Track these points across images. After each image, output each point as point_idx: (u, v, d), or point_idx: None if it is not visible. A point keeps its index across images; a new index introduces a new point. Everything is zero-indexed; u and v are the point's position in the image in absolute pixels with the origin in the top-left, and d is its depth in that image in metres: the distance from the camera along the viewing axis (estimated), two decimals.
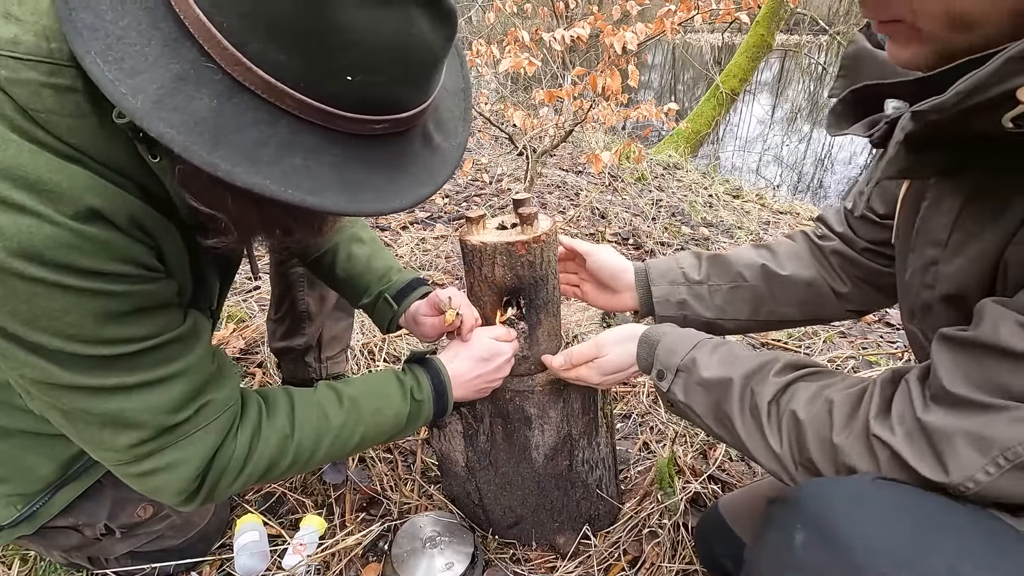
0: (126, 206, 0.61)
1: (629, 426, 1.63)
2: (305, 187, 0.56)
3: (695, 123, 5.80)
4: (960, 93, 0.48)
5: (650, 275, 1.08)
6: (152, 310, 0.68)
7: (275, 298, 1.43)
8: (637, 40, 2.30)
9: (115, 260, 0.61)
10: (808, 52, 10.64)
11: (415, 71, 0.58)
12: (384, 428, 0.91)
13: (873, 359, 2.00)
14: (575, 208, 3.32)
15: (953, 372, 0.55)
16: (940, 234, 0.65)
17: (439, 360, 0.98)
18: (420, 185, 0.64)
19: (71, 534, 1.00)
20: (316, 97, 0.54)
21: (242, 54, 0.51)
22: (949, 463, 0.54)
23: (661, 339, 0.88)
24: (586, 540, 1.24)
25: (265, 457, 0.79)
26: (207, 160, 0.52)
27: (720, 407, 0.77)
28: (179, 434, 0.72)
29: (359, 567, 1.20)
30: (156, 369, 0.69)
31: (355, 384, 0.92)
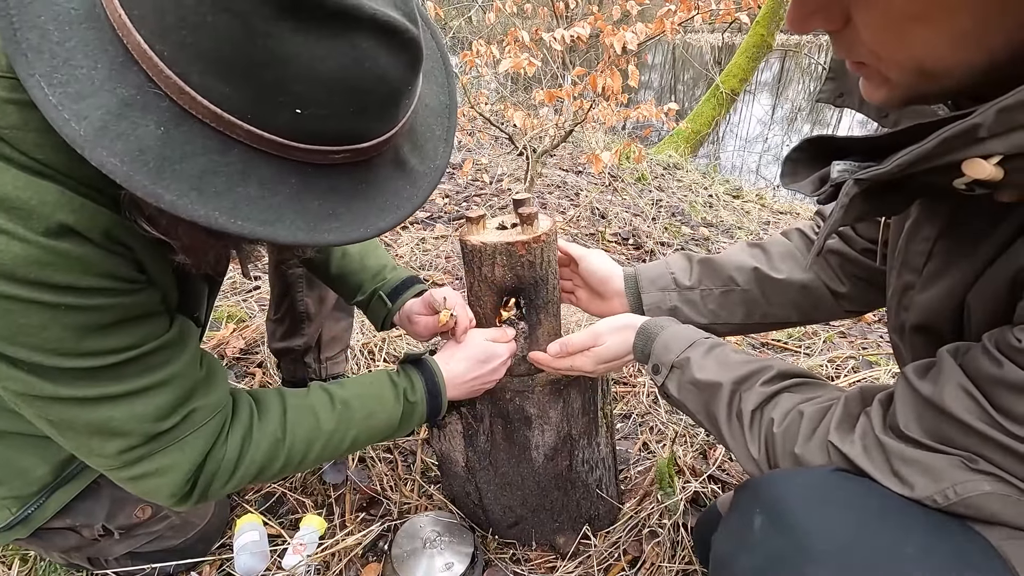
0: (101, 220, 0.60)
1: (629, 426, 1.63)
2: (258, 218, 0.54)
3: (695, 123, 5.80)
4: (901, 165, 0.48)
5: (640, 282, 1.06)
6: (134, 320, 0.67)
7: (274, 298, 1.43)
8: (637, 40, 2.30)
9: (91, 274, 0.60)
10: (808, 52, 10.63)
11: (371, 103, 0.55)
12: (377, 430, 0.91)
13: (873, 359, 2.00)
14: (575, 208, 3.32)
15: (908, 415, 0.58)
16: (917, 261, 0.66)
17: (434, 361, 0.98)
18: (385, 213, 0.62)
19: (69, 535, 1.00)
20: (267, 129, 0.52)
21: (186, 83, 0.49)
22: (908, 481, 0.56)
23: (659, 333, 0.89)
24: (586, 540, 1.24)
25: (256, 461, 0.79)
26: (149, 190, 0.50)
27: (709, 408, 0.79)
28: (167, 440, 0.72)
29: (359, 567, 1.20)
30: (141, 378, 0.69)
31: (348, 386, 0.91)
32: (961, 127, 0.44)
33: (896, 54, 0.48)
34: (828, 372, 1.92)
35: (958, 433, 0.54)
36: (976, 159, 0.44)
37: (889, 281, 0.74)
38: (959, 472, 0.54)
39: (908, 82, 0.50)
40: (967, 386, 0.53)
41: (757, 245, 1.07)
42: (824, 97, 0.72)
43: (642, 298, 1.06)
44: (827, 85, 0.71)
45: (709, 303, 1.04)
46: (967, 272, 0.58)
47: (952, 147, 0.45)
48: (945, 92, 0.51)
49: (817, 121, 9.64)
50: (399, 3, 0.54)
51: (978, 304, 0.57)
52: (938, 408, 0.55)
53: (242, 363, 1.81)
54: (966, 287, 0.58)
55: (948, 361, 0.56)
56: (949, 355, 0.57)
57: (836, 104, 0.71)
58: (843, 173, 0.56)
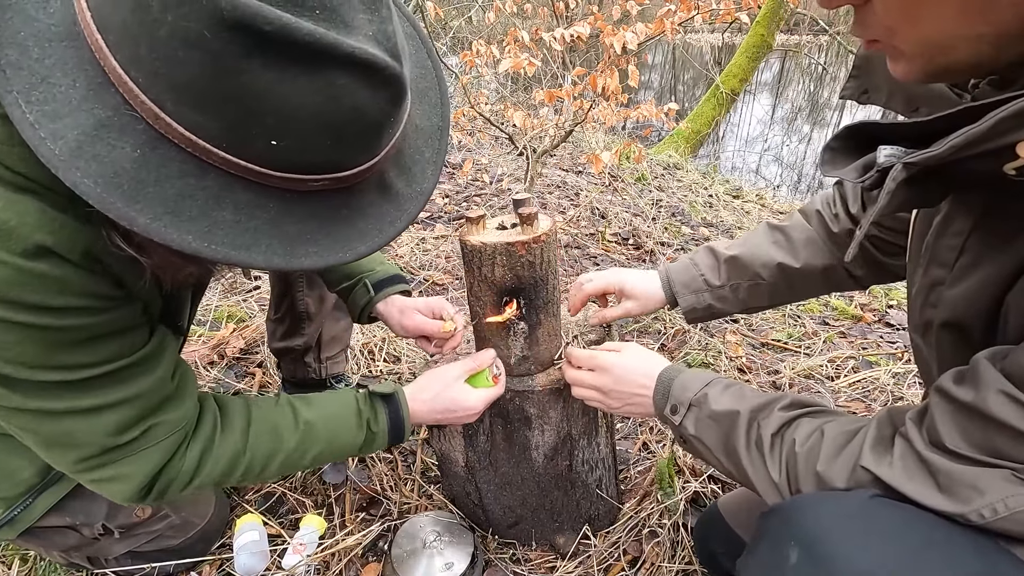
0: (81, 239, 0.59)
1: (629, 426, 1.63)
2: (232, 243, 0.53)
3: (695, 123, 5.81)
4: (954, 147, 0.47)
5: (674, 287, 1.13)
6: (109, 336, 0.67)
7: (274, 298, 1.43)
8: (637, 40, 2.30)
9: (68, 294, 0.60)
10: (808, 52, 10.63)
11: (351, 138, 0.55)
12: (336, 451, 0.93)
13: (873, 359, 2.00)
14: (575, 208, 3.32)
15: (951, 430, 0.55)
16: (947, 256, 0.64)
17: (402, 395, 0.98)
18: (367, 237, 0.61)
19: (69, 534, 1.00)
20: (243, 157, 0.52)
21: (160, 109, 0.49)
22: (955, 498, 0.54)
23: (677, 376, 0.90)
24: (586, 540, 1.24)
25: (215, 473, 0.81)
26: (123, 213, 0.50)
27: (728, 440, 0.78)
28: (124, 452, 0.73)
29: (359, 567, 1.20)
30: (109, 393, 0.69)
31: (315, 406, 0.92)
32: (1017, 107, 0.43)
33: (906, 27, 0.49)
34: (828, 372, 1.92)
35: (1007, 442, 0.51)
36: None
37: (913, 279, 0.73)
38: (1008, 485, 0.51)
39: (921, 54, 0.50)
40: (1012, 391, 0.50)
41: (779, 230, 1.11)
42: (848, 94, 0.71)
43: (679, 302, 1.12)
44: (851, 82, 0.70)
45: (740, 294, 1.10)
46: (1004, 266, 0.56)
47: (1008, 128, 0.44)
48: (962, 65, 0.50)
49: (817, 121, 9.64)
50: (381, 38, 0.53)
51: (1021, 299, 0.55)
52: (983, 416, 0.52)
53: (242, 363, 1.81)
54: (1003, 282, 0.56)
55: (986, 366, 0.53)
56: (987, 360, 0.54)
57: (860, 101, 0.70)
58: (890, 158, 0.54)
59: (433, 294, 2.34)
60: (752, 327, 2.22)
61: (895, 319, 2.30)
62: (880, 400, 1.78)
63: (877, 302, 2.43)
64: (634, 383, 0.94)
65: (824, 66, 10.80)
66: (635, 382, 0.94)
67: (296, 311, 1.42)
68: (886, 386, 1.83)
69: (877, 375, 1.88)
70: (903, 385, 1.84)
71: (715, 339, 2.06)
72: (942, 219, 0.65)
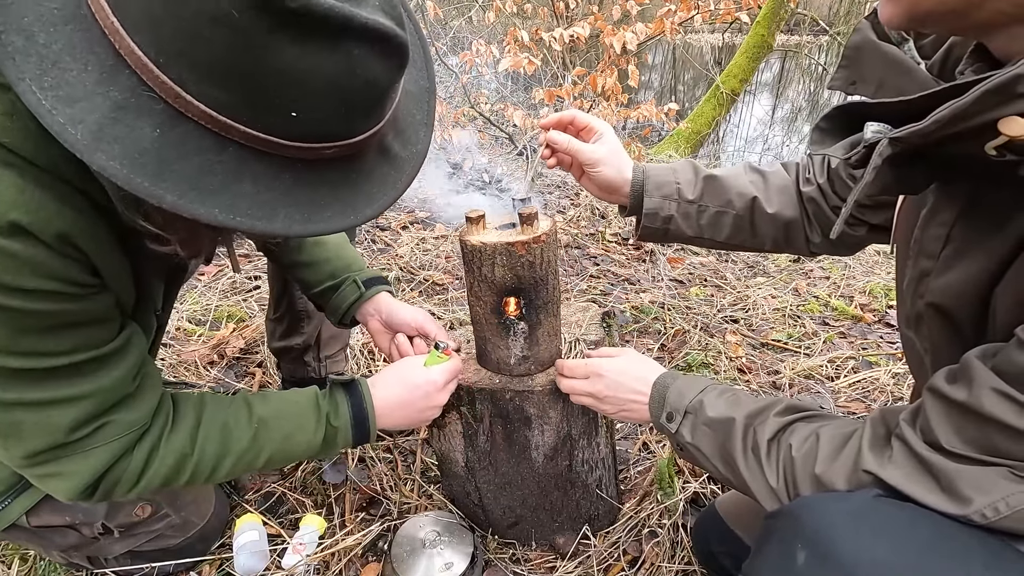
0: (56, 221, 0.59)
1: (629, 426, 1.63)
2: (255, 214, 0.55)
3: (695, 123, 5.80)
4: (939, 121, 0.48)
5: (646, 184, 1.05)
6: (75, 326, 0.66)
7: (273, 297, 1.43)
8: (637, 40, 2.30)
9: (39, 276, 0.59)
10: (808, 52, 10.63)
11: (363, 106, 0.58)
12: (294, 452, 0.89)
13: (873, 359, 2.00)
14: (575, 208, 3.32)
15: (946, 429, 0.55)
16: (933, 246, 0.64)
17: (365, 384, 0.95)
18: (372, 200, 0.64)
19: (68, 533, 1.00)
20: (262, 130, 0.53)
21: (182, 89, 0.50)
22: (956, 498, 0.54)
23: (672, 382, 0.89)
24: (586, 540, 1.24)
25: (160, 474, 0.78)
26: (152, 192, 0.51)
27: (724, 447, 0.78)
28: (72, 449, 0.71)
29: (359, 567, 1.20)
30: (64, 387, 0.67)
31: (271, 403, 0.89)
32: (1000, 80, 0.43)
33: None
34: (828, 372, 1.92)
35: (1003, 440, 0.51)
36: (1014, 117, 0.44)
37: (903, 272, 0.73)
38: (1007, 483, 0.51)
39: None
40: (1005, 389, 0.51)
41: (758, 171, 1.08)
42: (837, 84, 0.70)
43: (644, 201, 1.05)
44: (840, 72, 0.69)
45: (702, 219, 1.06)
46: (990, 256, 0.56)
47: (992, 103, 0.44)
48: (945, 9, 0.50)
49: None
50: (386, 7, 0.55)
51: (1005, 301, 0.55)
52: (978, 415, 0.52)
53: (242, 363, 1.81)
54: (988, 274, 0.56)
55: (977, 365, 0.54)
56: (978, 359, 0.54)
57: (848, 91, 0.70)
58: (877, 134, 0.55)
59: (433, 294, 2.34)
60: (752, 327, 2.22)
61: (895, 319, 2.30)
62: (880, 400, 1.78)
63: (877, 302, 2.43)
64: (629, 389, 0.94)
65: (824, 66, 10.79)
66: (630, 388, 0.94)
67: (295, 310, 1.42)
68: (886, 386, 1.83)
69: (877, 375, 1.88)
70: (903, 385, 1.84)
71: (715, 339, 2.06)
72: (928, 210, 0.66)
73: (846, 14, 9.35)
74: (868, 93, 0.68)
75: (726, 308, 2.34)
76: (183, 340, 1.87)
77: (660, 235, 1.08)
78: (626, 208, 1.08)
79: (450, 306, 2.20)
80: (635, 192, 1.06)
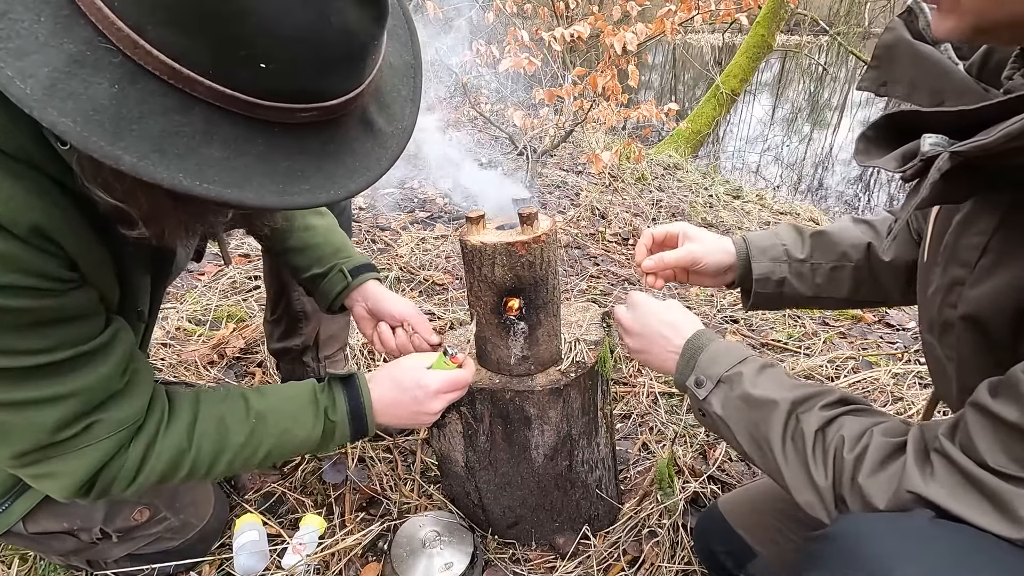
0: (28, 213, 0.56)
1: (629, 426, 1.63)
2: (224, 180, 0.51)
3: (695, 123, 5.81)
4: (1008, 136, 0.46)
5: (751, 251, 1.02)
6: (56, 323, 0.64)
7: (271, 299, 1.43)
8: (637, 40, 2.30)
9: (13, 272, 0.57)
10: (808, 53, 10.63)
11: (337, 59, 0.53)
12: (293, 447, 0.87)
13: (873, 359, 2.00)
14: (575, 208, 3.32)
15: (992, 447, 0.53)
16: (970, 255, 0.62)
17: (363, 380, 0.92)
18: (355, 175, 0.59)
19: (67, 539, 0.99)
20: (229, 85, 0.49)
21: (140, 36, 0.46)
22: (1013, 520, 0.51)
23: (707, 345, 0.84)
24: (586, 540, 1.24)
25: (157, 471, 0.76)
26: (108, 152, 0.47)
27: (759, 428, 0.73)
28: (61, 449, 0.69)
29: (359, 567, 1.20)
30: (48, 386, 0.65)
31: (269, 397, 0.87)
32: None
33: None
34: (828, 372, 1.92)
35: None
36: None
37: (928, 278, 0.71)
38: None
39: (979, 7, 0.49)
40: None
41: (865, 222, 1.03)
42: (866, 85, 0.68)
43: (752, 267, 1.01)
44: (870, 73, 0.67)
45: (818, 277, 1.01)
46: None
47: None
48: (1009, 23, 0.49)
49: (817, 122, 9.65)
50: None
51: None
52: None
53: (242, 363, 1.81)
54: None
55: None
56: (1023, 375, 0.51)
57: (879, 93, 0.68)
58: (935, 147, 0.52)
59: (433, 294, 2.34)
60: (752, 327, 2.22)
61: (895, 319, 2.30)
62: (880, 400, 1.78)
63: None
64: (656, 333, 0.91)
65: (824, 66, 10.80)
66: (657, 332, 0.90)
67: (293, 311, 1.42)
68: (886, 386, 1.83)
69: (877, 375, 1.88)
70: (903, 385, 1.84)
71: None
72: (963, 217, 0.64)
73: (846, 14, 9.35)
74: (899, 95, 0.66)
75: (726, 308, 2.34)
76: (183, 340, 1.87)
77: (775, 300, 1.02)
78: (735, 283, 1.04)
79: (450, 306, 2.20)
80: (741, 260, 1.02)
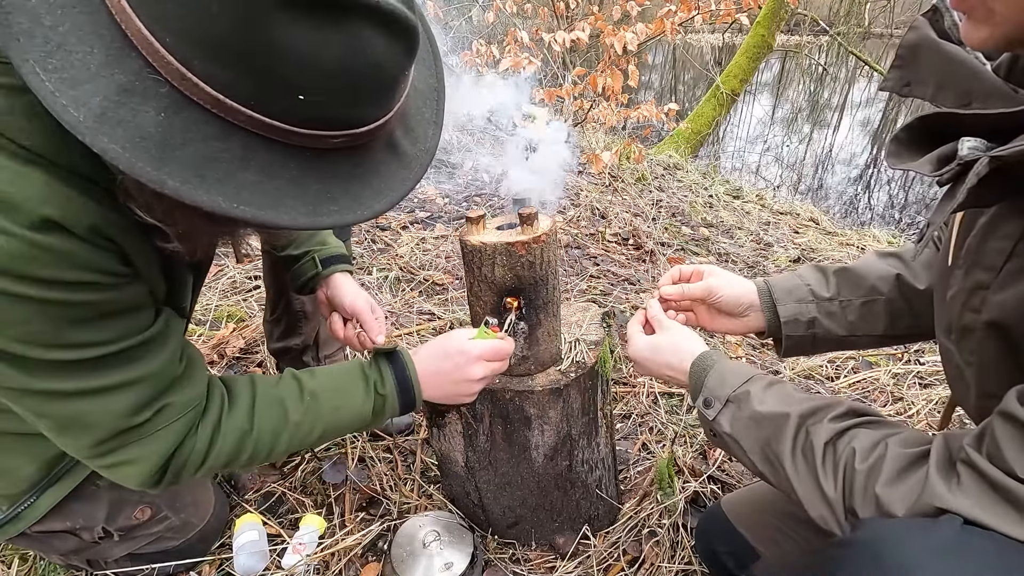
0: (86, 214, 0.60)
1: (629, 426, 1.63)
2: (259, 203, 0.55)
3: (695, 123, 5.80)
4: None
5: (775, 294, 1.00)
6: (117, 315, 0.68)
7: (270, 299, 1.43)
8: (637, 40, 2.30)
9: (76, 268, 0.60)
10: (808, 53, 10.64)
11: (371, 91, 0.57)
12: (345, 423, 0.91)
13: (873, 359, 2.00)
14: (575, 208, 3.32)
15: (1021, 457, 0.52)
16: (995, 259, 0.61)
17: (406, 353, 0.96)
18: (381, 196, 0.63)
19: (68, 538, 1.00)
20: (268, 114, 0.53)
21: (188, 69, 0.50)
22: None
23: (713, 366, 0.84)
24: (585, 540, 1.24)
25: (224, 452, 0.81)
26: (154, 177, 0.50)
27: (769, 444, 0.73)
28: (138, 434, 0.73)
29: (359, 567, 1.20)
30: (118, 373, 0.69)
31: (319, 377, 0.91)
32: None
33: None
34: (828, 372, 1.92)
35: None
36: None
37: (949, 281, 0.70)
38: None
39: (1012, 16, 0.48)
40: None
41: (892, 254, 1.01)
42: (889, 85, 0.67)
43: (778, 311, 0.98)
44: (893, 73, 0.66)
45: (850, 315, 0.97)
46: None
47: None
48: None
49: (817, 122, 9.65)
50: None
51: None
52: None
53: (242, 363, 1.80)
54: None
55: None
56: None
57: (902, 93, 0.67)
58: (974, 150, 0.51)
59: (433, 294, 2.34)
60: None
61: None
62: (880, 400, 1.78)
63: None
64: (663, 363, 0.91)
65: (824, 66, 10.80)
66: (663, 362, 0.91)
67: (292, 311, 1.42)
68: (886, 386, 1.83)
69: (877, 375, 1.88)
70: (903, 385, 1.84)
71: (715, 339, 2.06)
72: (988, 221, 0.63)
73: (846, 14, 9.35)
74: (925, 95, 0.65)
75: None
76: None
77: (808, 343, 0.99)
78: (764, 331, 1.01)
79: (450, 306, 2.20)
80: (767, 305, 1.00)
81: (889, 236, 4.11)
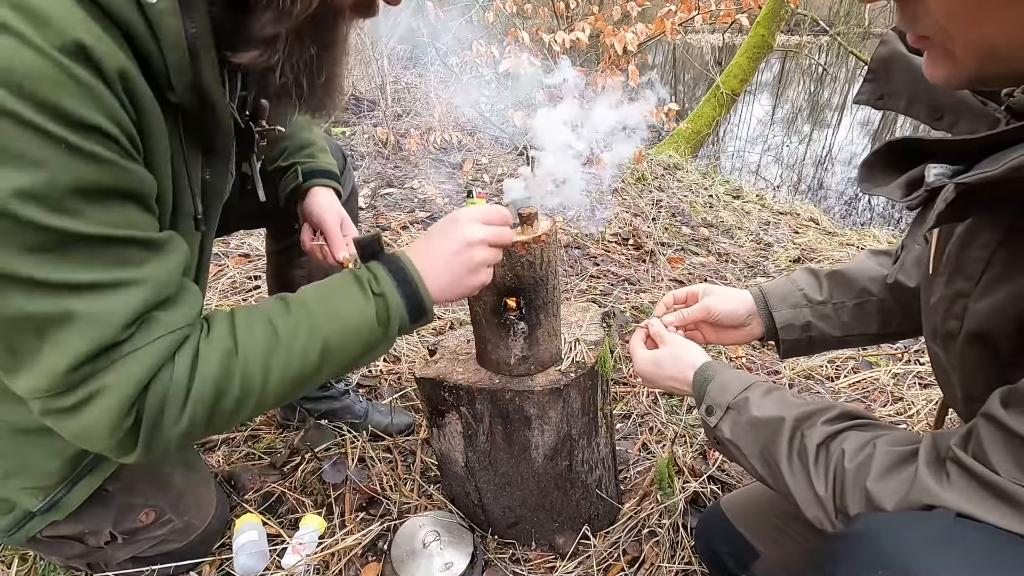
0: (117, 57, 0.55)
1: (629, 426, 1.63)
2: None
3: (695, 123, 5.80)
4: (1012, 168, 0.45)
5: (769, 301, 1.02)
6: (124, 196, 0.61)
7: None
8: (637, 41, 2.30)
9: (100, 112, 0.54)
10: (808, 53, 10.63)
11: None
12: (350, 335, 0.75)
13: (873, 359, 2.00)
14: (575, 208, 3.32)
15: (1004, 459, 0.53)
16: (973, 268, 0.62)
17: (397, 251, 0.83)
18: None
19: (75, 545, 1.00)
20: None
21: None
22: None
23: (714, 375, 0.86)
24: (585, 540, 1.24)
25: (209, 379, 0.66)
26: None
27: (767, 448, 0.74)
28: (118, 353, 0.62)
29: (358, 567, 1.20)
30: (113, 270, 0.60)
31: (306, 290, 0.78)
32: None
33: (967, 31, 0.46)
34: (828, 372, 1.92)
35: None
36: None
37: (931, 288, 0.71)
38: None
39: (975, 62, 0.48)
40: None
41: (882, 252, 1.03)
42: (863, 99, 0.68)
43: (773, 316, 1.01)
44: (865, 86, 0.67)
45: (843, 316, 1.00)
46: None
47: None
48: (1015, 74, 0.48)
49: (817, 122, 9.65)
50: None
51: None
52: None
53: None
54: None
55: None
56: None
57: (876, 106, 0.68)
58: (940, 177, 0.52)
59: None
60: None
61: None
62: (880, 400, 1.78)
63: None
64: (666, 376, 0.93)
65: (824, 67, 10.80)
66: (667, 375, 0.92)
67: None
68: (886, 387, 1.83)
69: (877, 375, 1.88)
70: (903, 386, 1.84)
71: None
72: (966, 230, 0.63)
73: (846, 14, 9.35)
74: (898, 108, 0.65)
75: None
76: None
77: (805, 346, 1.02)
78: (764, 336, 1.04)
79: (450, 306, 2.20)
80: (763, 311, 1.02)
81: (889, 236, 4.11)
